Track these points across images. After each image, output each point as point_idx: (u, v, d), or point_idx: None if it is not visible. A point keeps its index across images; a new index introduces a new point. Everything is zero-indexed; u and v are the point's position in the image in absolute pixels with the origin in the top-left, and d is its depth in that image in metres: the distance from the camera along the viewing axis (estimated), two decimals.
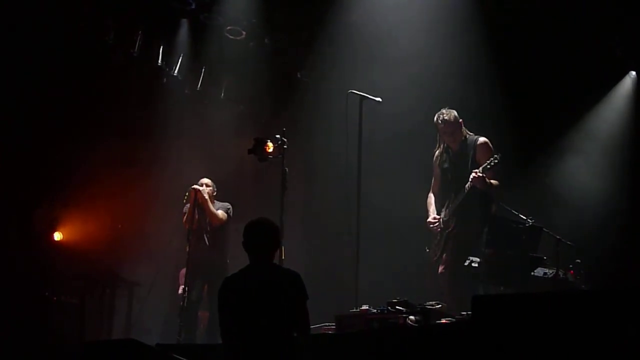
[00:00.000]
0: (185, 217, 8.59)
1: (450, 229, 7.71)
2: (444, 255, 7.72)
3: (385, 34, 9.33)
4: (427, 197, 8.07)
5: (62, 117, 10.12)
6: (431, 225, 7.87)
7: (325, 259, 9.84)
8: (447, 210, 7.78)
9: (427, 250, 7.94)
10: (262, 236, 5.31)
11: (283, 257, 6.82)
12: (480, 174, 7.37)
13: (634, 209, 8.99)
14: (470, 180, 7.46)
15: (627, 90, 9.65)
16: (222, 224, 8.75)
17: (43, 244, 10.39)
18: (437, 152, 7.93)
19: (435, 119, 7.73)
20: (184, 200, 8.57)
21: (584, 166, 9.46)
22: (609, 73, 9.56)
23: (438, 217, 7.85)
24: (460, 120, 7.73)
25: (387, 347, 5.75)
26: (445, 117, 7.64)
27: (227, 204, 8.90)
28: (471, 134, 7.79)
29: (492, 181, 7.52)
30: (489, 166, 7.40)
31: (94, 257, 10.15)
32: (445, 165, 7.87)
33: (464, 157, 7.67)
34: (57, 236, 10.68)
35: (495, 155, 7.43)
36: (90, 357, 5.99)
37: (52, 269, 9.99)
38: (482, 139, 7.68)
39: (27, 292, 9.37)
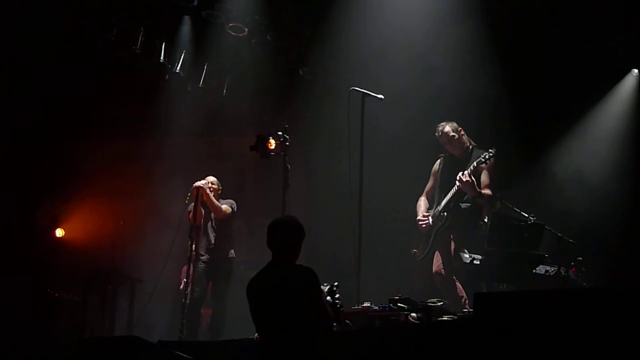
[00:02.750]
0: (190, 215, 8.56)
1: (438, 226, 7.75)
2: (436, 253, 7.75)
3: (388, 31, 9.32)
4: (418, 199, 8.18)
5: (64, 114, 10.14)
6: (420, 224, 7.92)
7: (327, 255, 9.83)
8: (437, 208, 7.84)
9: (414, 251, 7.99)
10: (277, 235, 5.35)
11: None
12: (467, 179, 7.43)
13: (637, 206, 8.98)
14: (457, 183, 7.54)
15: (630, 88, 9.65)
16: (227, 218, 8.73)
17: (45, 241, 10.42)
18: (441, 158, 8.09)
19: (435, 132, 7.92)
20: (186, 201, 8.55)
21: (586, 164, 9.46)
22: (612, 71, 9.55)
23: (427, 214, 7.93)
24: (460, 129, 7.87)
25: (389, 345, 5.75)
26: (440, 129, 7.87)
27: (231, 200, 8.90)
28: (476, 145, 7.90)
29: (483, 191, 7.58)
30: (476, 164, 7.47)
31: (96, 254, 10.17)
32: (445, 168, 7.99)
33: (465, 166, 7.71)
34: (59, 233, 10.69)
35: (490, 151, 7.45)
36: (92, 353, 6.00)
37: (54, 265, 10.01)
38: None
39: (29, 288, 9.39)
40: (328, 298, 5.46)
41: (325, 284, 5.57)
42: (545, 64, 9.19)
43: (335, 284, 5.51)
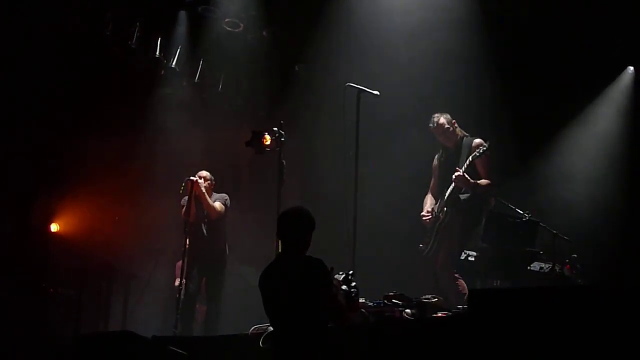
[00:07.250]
0: (183, 209, 8.56)
1: (440, 221, 7.74)
2: (437, 247, 7.75)
3: (384, 27, 9.32)
4: (425, 195, 8.14)
5: (59, 110, 10.08)
6: (424, 219, 7.91)
7: (321, 251, 9.82)
8: (439, 203, 7.83)
9: (421, 246, 7.97)
10: (285, 225, 5.31)
11: (280, 250, 6.79)
12: (461, 173, 7.46)
13: (631, 203, 9.00)
14: (452, 179, 7.55)
15: (625, 86, 9.67)
16: (220, 216, 8.73)
17: (40, 236, 10.37)
18: (437, 154, 8.06)
19: (430, 123, 7.89)
20: (181, 191, 8.54)
21: (581, 161, 9.48)
22: (608, 68, 9.57)
23: (430, 210, 7.89)
24: (454, 121, 7.86)
25: (384, 341, 5.75)
26: (435, 120, 7.84)
27: (224, 194, 8.89)
28: (467, 135, 7.88)
29: (479, 181, 7.58)
30: (472, 159, 7.50)
31: (91, 250, 10.13)
32: (442, 163, 7.98)
33: (458, 156, 7.75)
34: (54, 228, 10.66)
35: (484, 144, 7.46)
36: (86, 349, 5.99)
37: (48, 261, 9.98)
38: (477, 140, 7.75)
39: (23, 283, 9.37)
40: (344, 287, 5.43)
41: (341, 273, 5.56)
42: (541, 61, 9.19)
43: (351, 272, 5.48)
